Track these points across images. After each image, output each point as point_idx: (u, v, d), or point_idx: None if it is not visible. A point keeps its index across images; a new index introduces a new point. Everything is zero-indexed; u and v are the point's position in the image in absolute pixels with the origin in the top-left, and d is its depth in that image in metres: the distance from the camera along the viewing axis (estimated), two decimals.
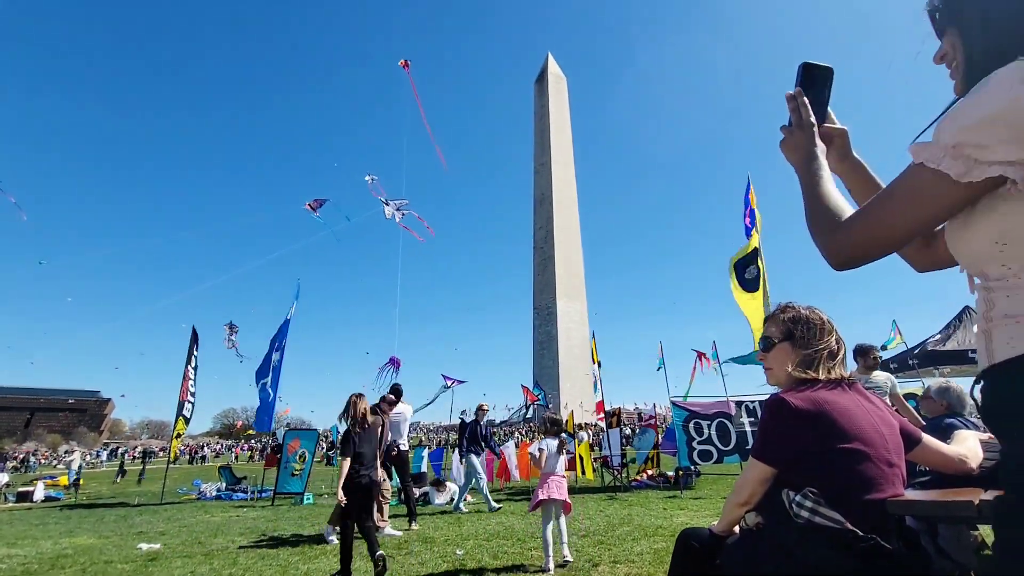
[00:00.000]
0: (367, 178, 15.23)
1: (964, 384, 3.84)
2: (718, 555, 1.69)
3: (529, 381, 54.30)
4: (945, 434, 1.86)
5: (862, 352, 5.58)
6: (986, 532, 3.86)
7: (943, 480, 2.20)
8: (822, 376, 1.61)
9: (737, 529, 1.73)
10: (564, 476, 4.91)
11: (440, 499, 10.21)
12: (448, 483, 11.02)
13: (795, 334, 1.72)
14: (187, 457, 41.97)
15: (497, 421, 54.03)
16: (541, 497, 4.67)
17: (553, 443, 4.98)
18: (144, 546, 6.35)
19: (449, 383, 14.81)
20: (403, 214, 15.85)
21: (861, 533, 1.35)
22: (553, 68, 62.51)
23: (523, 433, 38.30)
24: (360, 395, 4.96)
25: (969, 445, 1.84)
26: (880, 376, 5.63)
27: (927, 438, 1.72)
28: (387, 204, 15.63)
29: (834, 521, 1.37)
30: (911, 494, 1.50)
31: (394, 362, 13.24)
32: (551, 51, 64.56)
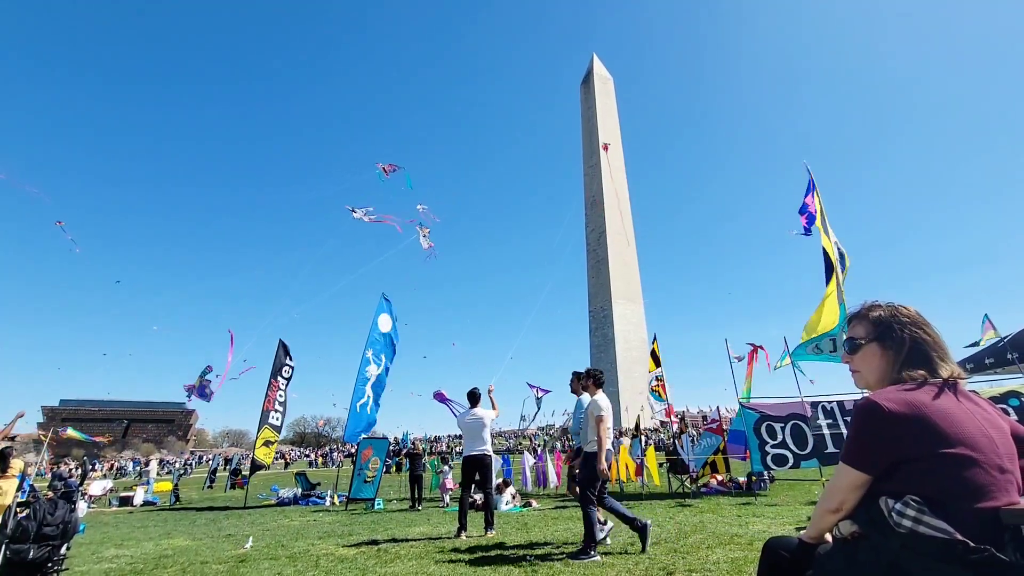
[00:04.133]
0: (419, 207, 15.66)
1: None
2: (808, 565, 1.63)
3: None
4: None
5: (591, 376, 5.91)
6: None
7: None
8: (919, 376, 1.52)
9: (829, 538, 1.66)
10: None
11: (503, 502, 10.31)
12: (510, 484, 11.18)
13: (885, 333, 1.62)
14: (283, 462, 44.84)
15: (556, 426, 53.74)
16: None
17: None
18: (249, 543, 6.96)
19: (538, 393, 15.04)
20: (370, 219, 15.63)
21: (973, 544, 1.26)
22: (599, 69, 61.99)
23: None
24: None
25: None
26: (596, 396, 5.72)
27: None
28: (354, 211, 15.42)
29: (941, 531, 1.28)
30: None
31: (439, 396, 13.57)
32: (596, 52, 64.02)
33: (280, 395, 14.17)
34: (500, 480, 11.50)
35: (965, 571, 1.26)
